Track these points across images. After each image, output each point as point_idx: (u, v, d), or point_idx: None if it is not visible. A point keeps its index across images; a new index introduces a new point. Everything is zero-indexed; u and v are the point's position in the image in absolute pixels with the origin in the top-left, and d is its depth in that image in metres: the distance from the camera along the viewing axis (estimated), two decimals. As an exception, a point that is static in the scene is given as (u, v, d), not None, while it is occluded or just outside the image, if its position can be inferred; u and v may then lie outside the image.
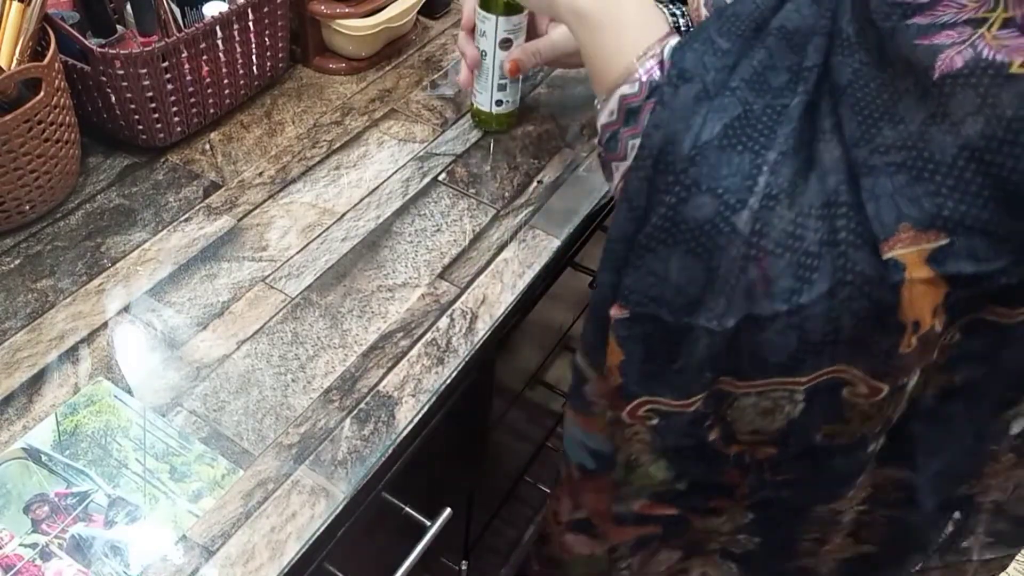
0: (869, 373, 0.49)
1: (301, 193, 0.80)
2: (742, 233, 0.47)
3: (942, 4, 0.44)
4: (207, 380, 0.64)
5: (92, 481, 0.57)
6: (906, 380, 0.50)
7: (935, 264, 0.44)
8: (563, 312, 1.05)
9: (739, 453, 0.57)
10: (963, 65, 0.43)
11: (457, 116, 0.90)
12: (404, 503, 0.74)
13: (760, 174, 0.47)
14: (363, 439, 0.61)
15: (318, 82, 0.94)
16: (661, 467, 0.59)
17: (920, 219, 0.44)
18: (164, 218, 0.76)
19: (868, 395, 0.50)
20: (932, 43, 0.44)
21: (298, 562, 0.55)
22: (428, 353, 0.67)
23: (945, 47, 0.43)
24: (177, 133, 0.82)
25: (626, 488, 0.63)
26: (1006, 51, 0.42)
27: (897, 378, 0.49)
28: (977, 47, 0.42)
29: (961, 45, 0.43)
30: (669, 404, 0.55)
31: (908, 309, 0.45)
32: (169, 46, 0.76)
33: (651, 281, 0.51)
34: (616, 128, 0.53)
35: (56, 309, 0.68)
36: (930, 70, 0.43)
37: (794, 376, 0.50)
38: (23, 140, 0.68)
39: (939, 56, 0.43)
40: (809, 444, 0.54)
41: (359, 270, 0.73)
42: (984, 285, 0.45)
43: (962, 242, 0.44)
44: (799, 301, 0.46)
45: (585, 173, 0.85)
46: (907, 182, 0.44)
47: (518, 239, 0.77)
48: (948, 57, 0.43)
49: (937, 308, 0.46)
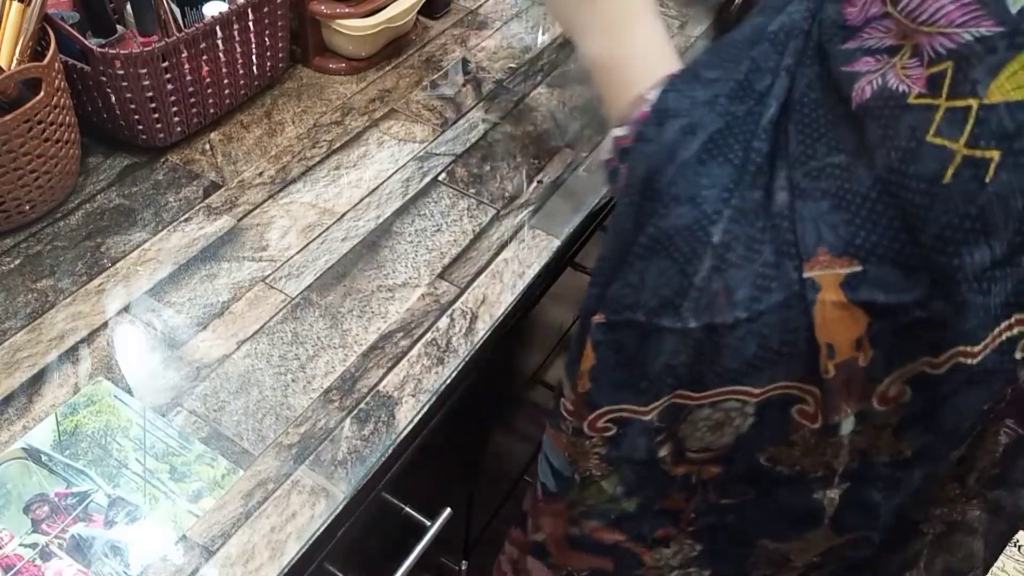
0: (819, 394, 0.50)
1: (301, 193, 0.80)
2: (714, 244, 0.48)
3: (869, 27, 0.44)
4: (207, 380, 0.64)
5: (92, 481, 0.57)
6: (837, 419, 0.50)
7: (848, 290, 0.45)
8: (563, 312, 1.05)
9: (686, 473, 0.59)
10: (871, 96, 0.43)
11: (457, 116, 0.90)
12: (404, 503, 0.74)
13: (736, 188, 0.48)
14: (363, 439, 0.61)
15: (318, 82, 0.94)
16: (612, 482, 0.61)
17: (835, 245, 0.45)
18: (164, 218, 0.76)
19: (813, 417, 0.51)
20: (852, 70, 0.45)
21: (298, 562, 0.55)
22: (428, 353, 0.67)
23: (861, 75, 0.44)
24: (177, 133, 0.82)
25: (579, 508, 0.66)
26: (908, 81, 0.42)
27: (828, 412, 0.50)
28: (886, 77, 0.43)
29: (874, 74, 0.44)
30: (630, 410, 0.56)
31: (821, 329, 0.46)
32: (169, 46, 0.76)
33: (630, 291, 0.53)
34: (615, 165, 0.55)
35: (56, 309, 0.68)
36: (849, 100, 0.44)
37: (749, 385, 0.51)
38: (23, 140, 0.68)
39: (855, 85, 0.44)
40: (753, 463, 0.55)
41: (359, 270, 0.73)
42: (900, 317, 0.45)
43: (874, 271, 0.45)
44: (758, 308, 0.47)
45: (585, 173, 0.85)
46: (829, 208, 0.46)
47: (518, 239, 0.77)
48: (861, 88, 0.44)
49: (861, 339, 0.46)
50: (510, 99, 0.93)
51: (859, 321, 0.46)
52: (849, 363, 0.47)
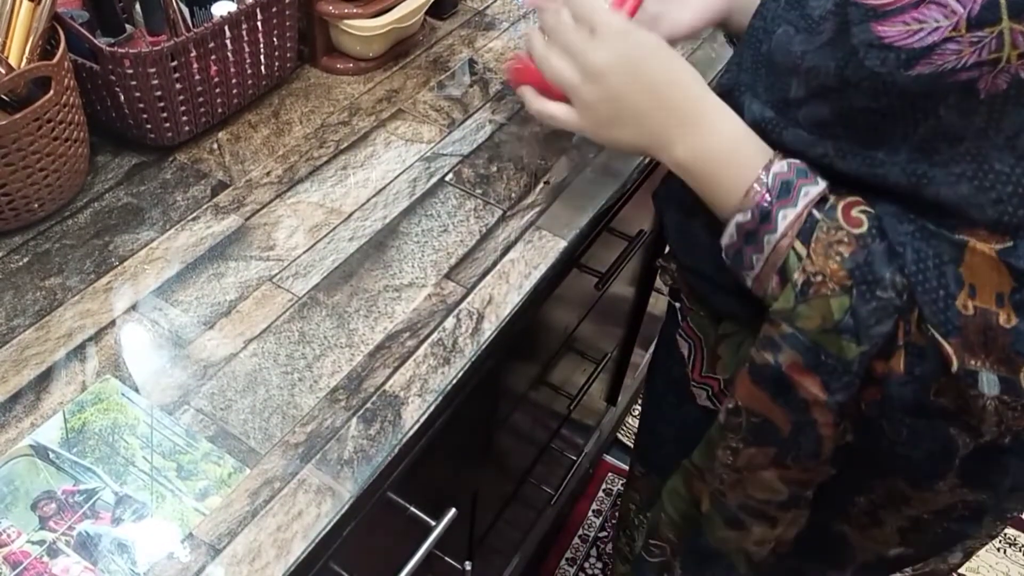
0: None
1: (308, 193, 0.80)
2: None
3: (937, 53, 0.48)
4: (214, 379, 0.64)
5: (99, 479, 0.58)
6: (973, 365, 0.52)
7: (998, 253, 0.51)
8: (569, 313, 1.05)
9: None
10: (1007, 87, 0.47)
11: (464, 117, 0.90)
12: (409, 503, 0.74)
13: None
14: (369, 439, 0.61)
15: (326, 82, 0.94)
16: (842, 304, 0.55)
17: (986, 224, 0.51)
18: (172, 217, 0.76)
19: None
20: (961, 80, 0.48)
21: (304, 561, 0.55)
22: (434, 353, 0.67)
23: (977, 78, 0.48)
24: (185, 132, 0.82)
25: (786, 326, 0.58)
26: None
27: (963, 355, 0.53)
28: (1012, 71, 0.46)
29: (991, 75, 0.47)
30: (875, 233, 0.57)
31: (967, 269, 0.52)
32: (178, 45, 0.76)
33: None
34: (738, 247, 0.59)
35: (64, 307, 0.68)
36: (974, 92, 0.48)
37: None
38: (32, 139, 0.68)
39: (978, 82, 0.48)
40: (924, 391, 0.56)
41: (366, 270, 0.73)
42: None
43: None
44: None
45: (592, 175, 0.85)
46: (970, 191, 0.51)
47: (525, 240, 0.77)
48: (987, 81, 0.47)
49: (1003, 297, 0.51)
50: (517, 100, 0.93)
51: (1004, 278, 0.50)
52: (988, 313, 0.50)
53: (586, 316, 1.12)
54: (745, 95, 0.62)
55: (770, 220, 0.56)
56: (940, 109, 0.50)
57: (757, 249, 0.57)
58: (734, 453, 0.66)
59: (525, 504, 1.36)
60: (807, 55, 0.54)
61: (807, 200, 0.55)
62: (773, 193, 0.56)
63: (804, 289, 0.55)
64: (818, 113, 0.56)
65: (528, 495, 1.34)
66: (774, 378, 0.58)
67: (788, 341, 0.56)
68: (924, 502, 0.64)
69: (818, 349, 0.55)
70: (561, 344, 1.09)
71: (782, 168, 0.57)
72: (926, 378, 0.54)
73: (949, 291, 0.51)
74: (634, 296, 1.41)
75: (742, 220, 0.57)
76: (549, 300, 0.85)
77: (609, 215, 0.86)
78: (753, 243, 0.57)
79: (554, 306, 0.93)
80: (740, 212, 0.57)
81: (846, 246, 0.54)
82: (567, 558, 1.69)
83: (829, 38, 0.52)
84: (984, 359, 0.52)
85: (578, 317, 1.10)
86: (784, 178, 0.56)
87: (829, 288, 0.54)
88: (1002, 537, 1.75)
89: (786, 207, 0.56)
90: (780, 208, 0.56)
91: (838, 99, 0.54)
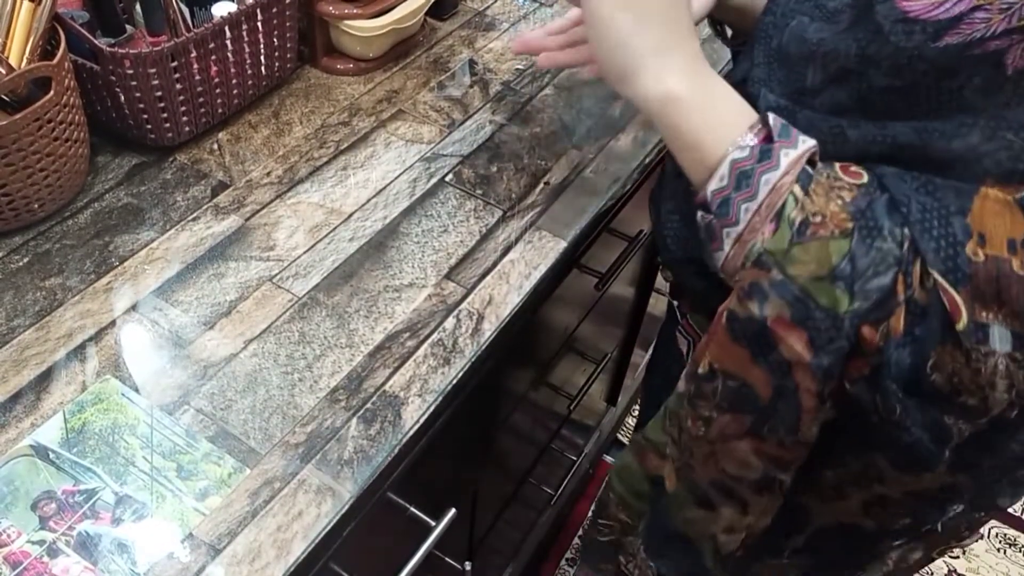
0: None
1: (308, 193, 0.80)
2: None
3: (965, 22, 0.47)
4: (214, 379, 0.64)
5: (99, 479, 0.58)
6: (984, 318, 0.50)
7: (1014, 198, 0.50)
8: (569, 314, 1.05)
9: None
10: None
11: (464, 117, 0.90)
12: (409, 503, 0.74)
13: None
14: (369, 439, 0.61)
15: (326, 82, 0.94)
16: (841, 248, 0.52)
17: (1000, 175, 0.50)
18: (172, 217, 0.76)
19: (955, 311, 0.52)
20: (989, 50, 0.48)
21: (304, 561, 0.55)
22: (434, 353, 0.67)
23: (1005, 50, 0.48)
24: (185, 133, 0.82)
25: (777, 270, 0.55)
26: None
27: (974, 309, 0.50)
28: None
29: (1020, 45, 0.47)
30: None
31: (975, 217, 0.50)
32: (178, 46, 0.76)
33: None
34: (727, 193, 0.54)
35: (64, 307, 0.68)
36: (1002, 67, 0.48)
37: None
38: (33, 139, 0.68)
39: (1006, 55, 0.48)
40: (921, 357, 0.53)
41: (366, 270, 0.73)
42: None
43: None
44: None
45: (592, 175, 0.85)
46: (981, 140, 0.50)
47: (524, 240, 0.77)
48: (1015, 55, 0.48)
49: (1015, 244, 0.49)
50: (517, 100, 0.93)
51: (1017, 223, 0.48)
52: (1000, 261, 0.48)
53: (586, 316, 1.12)
54: (759, 87, 0.61)
55: (771, 157, 0.53)
56: (965, 91, 0.49)
57: (749, 195, 0.54)
58: (706, 423, 0.62)
59: (525, 504, 1.36)
60: (824, 41, 0.54)
61: (805, 147, 0.53)
62: (775, 132, 0.54)
63: (802, 229, 0.52)
64: (836, 98, 0.55)
65: (528, 495, 1.34)
66: (756, 334, 0.55)
67: (776, 289, 0.53)
68: (902, 485, 0.61)
69: (808, 300, 0.52)
70: (561, 344, 1.09)
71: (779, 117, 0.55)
72: (926, 340, 0.51)
73: (957, 239, 0.49)
74: (634, 296, 1.41)
75: (738, 157, 0.54)
76: (549, 300, 0.85)
77: (609, 215, 0.86)
78: (747, 186, 0.54)
79: (554, 306, 0.93)
80: (737, 149, 0.54)
81: (848, 192, 0.52)
82: (567, 558, 1.69)
83: (849, 24, 0.52)
84: (996, 311, 0.49)
85: (578, 317, 1.10)
86: (783, 122, 0.55)
87: (829, 230, 0.51)
88: (1002, 537, 1.75)
89: (788, 147, 0.53)
90: (783, 147, 0.53)
91: (858, 81, 0.53)
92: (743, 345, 0.56)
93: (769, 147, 0.53)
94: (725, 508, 0.68)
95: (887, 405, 0.54)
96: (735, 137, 0.55)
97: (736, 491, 0.66)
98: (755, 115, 0.56)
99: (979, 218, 0.49)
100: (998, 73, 0.48)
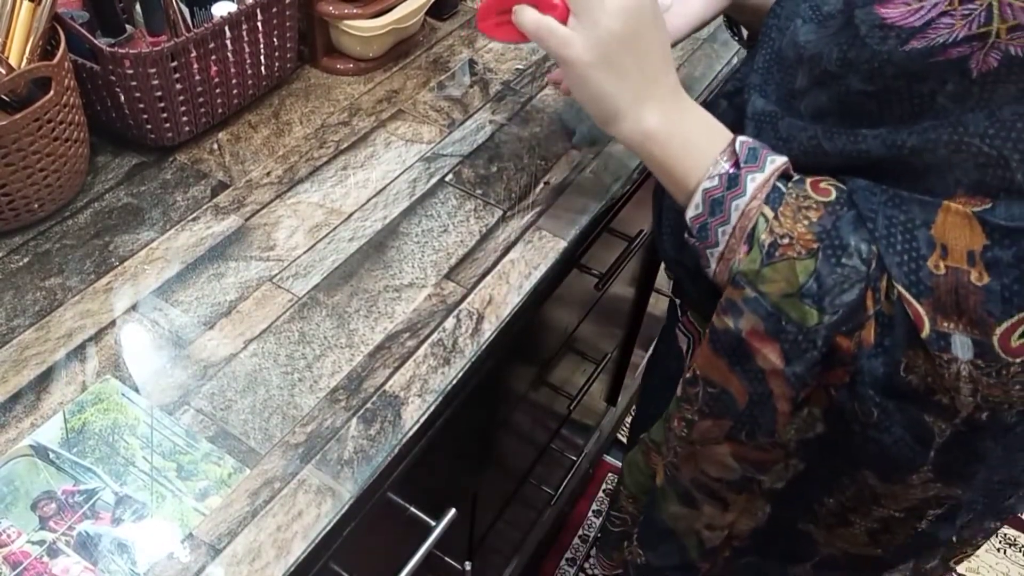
0: None
1: (308, 193, 0.80)
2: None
3: (932, 27, 0.48)
4: (214, 379, 0.64)
5: (99, 479, 0.58)
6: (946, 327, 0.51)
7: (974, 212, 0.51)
8: (569, 314, 1.05)
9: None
10: (998, 65, 0.47)
11: (464, 117, 0.90)
12: (409, 503, 0.74)
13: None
14: (369, 439, 0.61)
15: (326, 82, 0.94)
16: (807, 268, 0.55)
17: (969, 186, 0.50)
18: (172, 217, 0.76)
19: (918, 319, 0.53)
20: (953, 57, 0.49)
21: (304, 561, 0.55)
22: (434, 353, 0.67)
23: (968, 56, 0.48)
24: (185, 133, 0.82)
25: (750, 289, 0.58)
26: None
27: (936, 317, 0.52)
28: (1002, 48, 0.47)
29: (982, 51, 0.48)
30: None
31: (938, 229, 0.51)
32: (178, 46, 0.76)
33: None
34: (704, 219, 0.58)
35: (64, 307, 0.68)
36: (967, 72, 0.48)
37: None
38: (33, 139, 0.68)
39: (969, 61, 0.48)
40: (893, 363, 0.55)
41: (366, 270, 0.73)
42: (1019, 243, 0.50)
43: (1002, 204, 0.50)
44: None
45: (592, 175, 0.85)
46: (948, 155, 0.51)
47: (524, 240, 0.77)
48: (978, 60, 0.48)
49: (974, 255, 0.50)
50: (517, 100, 0.93)
51: (976, 236, 0.49)
52: (959, 272, 0.50)
53: (586, 316, 1.12)
54: (751, 93, 0.62)
55: (738, 184, 0.56)
56: (938, 97, 0.50)
57: (723, 220, 0.57)
58: (689, 425, 0.66)
59: (525, 504, 1.36)
60: (811, 44, 0.55)
61: (773, 167, 0.56)
62: (741, 158, 0.57)
63: (771, 251, 0.55)
64: (818, 101, 0.56)
65: (528, 495, 1.34)
66: (733, 345, 0.58)
67: (750, 305, 0.56)
68: (895, 498, 0.63)
69: (780, 315, 0.55)
70: (561, 344, 1.09)
71: (747, 140, 0.58)
72: (895, 349, 0.53)
73: (920, 252, 0.51)
74: (634, 296, 1.41)
75: (709, 186, 0.58)
76: (549, 300, 0.85)
77: (609, 215, 0.86)
78: (719, 212, 0.57)
79: (554, 306, 0.93)
80: (707, 179, 0.58)
81: (814, 211, 0.54)
82: (567, 558, 1.69)
83: (836, 29, 0.53)
84: (957, 320, 0.51)
85: (578, 317, 1.10)
86: (751, 146, 0.58)
87: (795, 251, 0.54)
88: (1002, 537, 1.76)
89: (754, 172, 0.56)
90: (748, 172, 0.57)
91: (837, 84, 0.54)
92: (722, 355, 0.59)
93: (736, 174, 0.57)
94: (707, 506, 0.71)
95: (864, 409, 0.57)
96: (708, 165, 0.58)
97: (716, 491, 0.69)
98: (727, 140, 0.59)
99: (942, 230, 0.51)
100: (965, 79, 0.49)
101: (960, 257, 0.50)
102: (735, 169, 0.57)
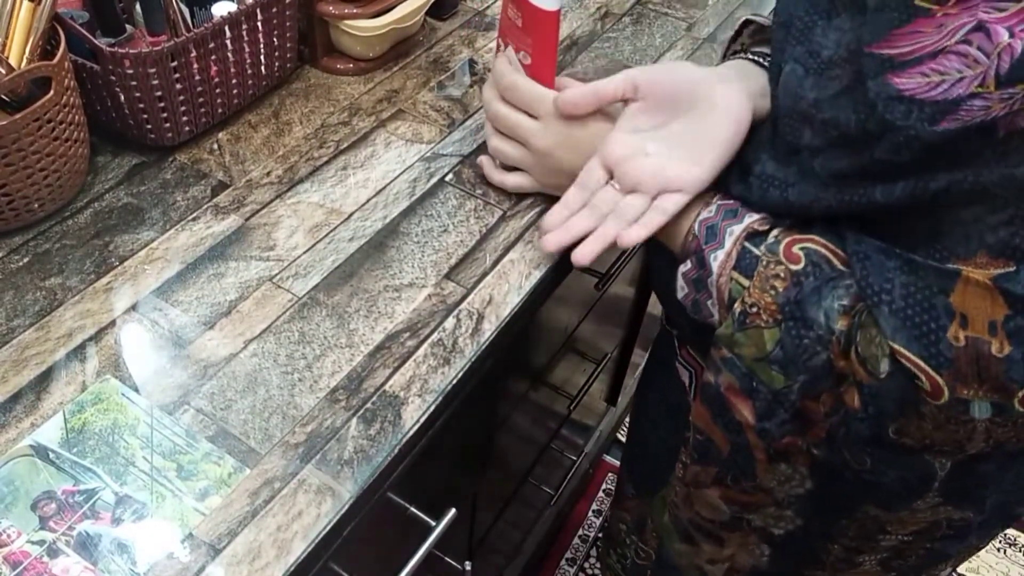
0: None
1: (308, 193, 0.80)
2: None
3: (964, 109, 0.46)
4: (214, 379, 0.64)
5: (99, 479, 0.58)
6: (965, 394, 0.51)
7: (994, 280, 0.50)
8: (569, 314, 1.05)
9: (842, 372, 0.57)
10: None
11: (464, 117, 0.90)
12: (409, 503, 0.74)
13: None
14: (369, 439, 0.61)
15: (326, 82, 0.94)
16: (773, 336, 0.57)
17: (994, 247, 0.50)
18: (172, 217, 0.76)
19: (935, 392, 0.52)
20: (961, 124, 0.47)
21: (304, 561, 0.55)
22: (434, 353, 0.67)
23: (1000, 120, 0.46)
24: (185, 132, 0.82)
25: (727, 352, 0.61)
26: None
27: (954, 385, 0.51)
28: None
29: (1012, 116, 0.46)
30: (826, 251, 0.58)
31: (957, 298, 0.50)
32: (178, 46, 0.76)
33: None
34: (693, 297, 0.63)
35: (64, 307, 0.68)
36: (993, 132, 0.46)
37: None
38: (33, 139, 0.68)
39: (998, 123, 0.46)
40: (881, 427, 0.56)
41: (366, 270, 0.73)
42: None
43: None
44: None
45: (592, 175, 0.85)
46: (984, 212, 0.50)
47: (525, 240, 0.77)
48: (1006, 122, 0.46)
49: (996, 325, 0.49)
50: (517, 100, 0.93)
51: (998, 306, 0.49)
52: (980, 342, 0.49)
53: (586, 316, 1.12)
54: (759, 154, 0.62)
55: (704, 264, 0.60)
56: (962, 157, 0.48)
57: (708, 295, 0.61)
58: (684, 468, 0.70)
59: (525, 504, 1.36)
60: (821, 104, 0.52)
61: (733, 239, 0.59)
62: (700, 239, 0.60)
63: (742, 318, 0.57)
64: (836, 163, 0.54)
65: (528, 495, 1.34)
66: (715, 398, 0.62)
67: (727, 365, 0.60)
68: (902, 523, 0.64)
69: (752, 376, 0.58)
70: (561, 344, 1.09)
71: (709, 213, 0.61)
72: (883, 417, 0.54)
73: (940, 323, 0.50)
74: (634, 296, 1.41)
75: (684, 270, 0.62)
76: (549, 300, 0.85)
77: (609, 215, 0.86)
78: (703, 289, 0.61)
79: (554, 306, 0.93)
80: (681, 264, 0.63)
81: (781, 281, 0.56)
82: (567, 558, 1.69)
83: (844, 87, 0.51)
84: (977, 388, 0.50)
85: (578, 317, 1.10)
86: (709, 223, 0.60)
87: (763, 319, 0.57)
88: (1002, 537, 1.76)
89: (715, 249, 0.59)
90: (711, 251, 0.60)
91: (858, 153, 0.52)
92: (707, 407, 0.63)
93: (702, 255, 0.60)
94: (704, 544, 0.75)
95: (857, 459, 0.60)
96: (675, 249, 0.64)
97: (711, 531, 0.73)
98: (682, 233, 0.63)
99: (961, 299, 0.50)
100: (989, 137, 0.47)
101: (981, 328, 0.49)
102: (699, 249, 0.61)
